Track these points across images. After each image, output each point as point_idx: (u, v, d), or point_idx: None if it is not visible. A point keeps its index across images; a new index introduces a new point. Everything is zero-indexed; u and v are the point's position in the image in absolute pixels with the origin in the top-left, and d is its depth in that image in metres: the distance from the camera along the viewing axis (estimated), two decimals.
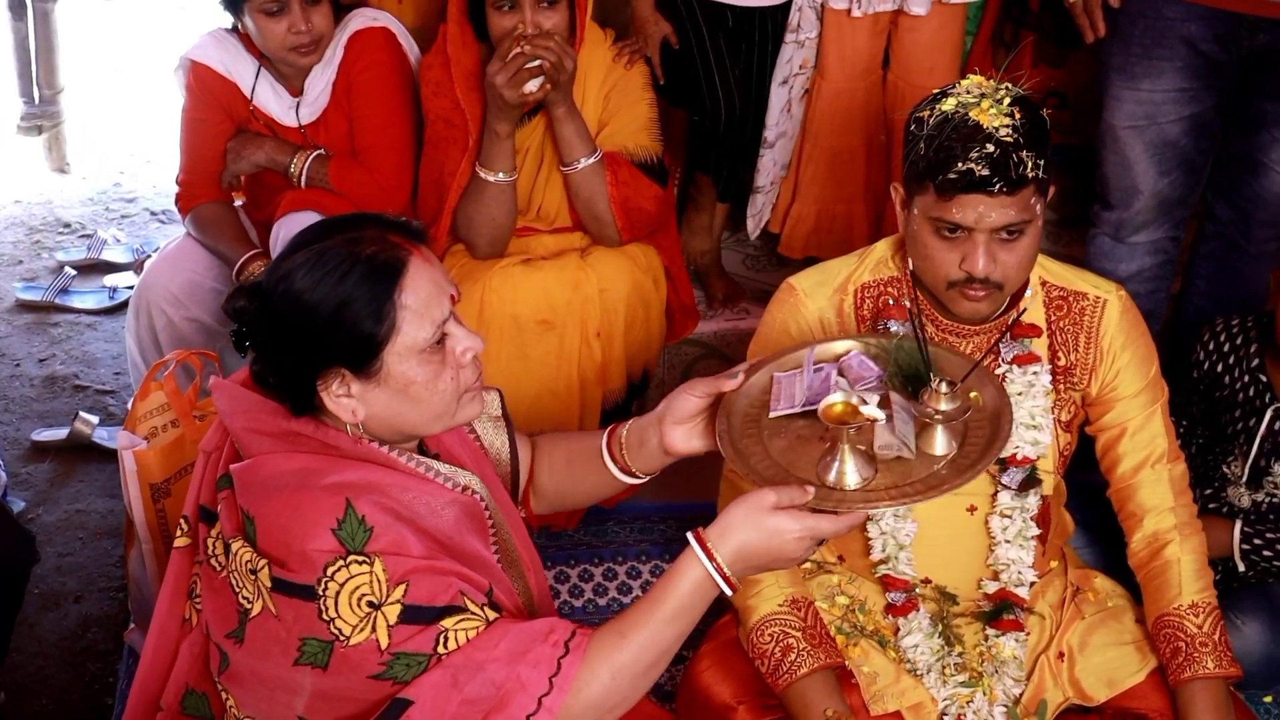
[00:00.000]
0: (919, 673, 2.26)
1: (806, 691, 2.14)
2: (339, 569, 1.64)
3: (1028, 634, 2.29)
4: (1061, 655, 2.30)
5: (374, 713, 1.67)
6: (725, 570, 1.70)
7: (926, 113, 2.09)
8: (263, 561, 1.67)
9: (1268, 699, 2.69)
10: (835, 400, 1.76)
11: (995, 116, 2.02)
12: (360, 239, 1.70)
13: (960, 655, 2.27)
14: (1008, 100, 2.05)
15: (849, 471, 1.76)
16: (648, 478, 2.04)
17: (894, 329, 2.21)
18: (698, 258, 3.65)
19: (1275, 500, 2.72)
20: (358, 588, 1.64)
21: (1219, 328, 2.77)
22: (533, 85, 2.78)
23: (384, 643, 1.65)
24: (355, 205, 3.02)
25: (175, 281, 3.12)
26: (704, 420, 1.95)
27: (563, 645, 1.68)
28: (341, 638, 1.65)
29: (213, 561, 1.79)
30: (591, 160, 2.91)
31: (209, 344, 3.12)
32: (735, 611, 2.32)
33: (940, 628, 2.29)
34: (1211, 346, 2.77)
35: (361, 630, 1.64)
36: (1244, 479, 2.74)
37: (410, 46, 3.18)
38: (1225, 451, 2.78)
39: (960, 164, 2.00)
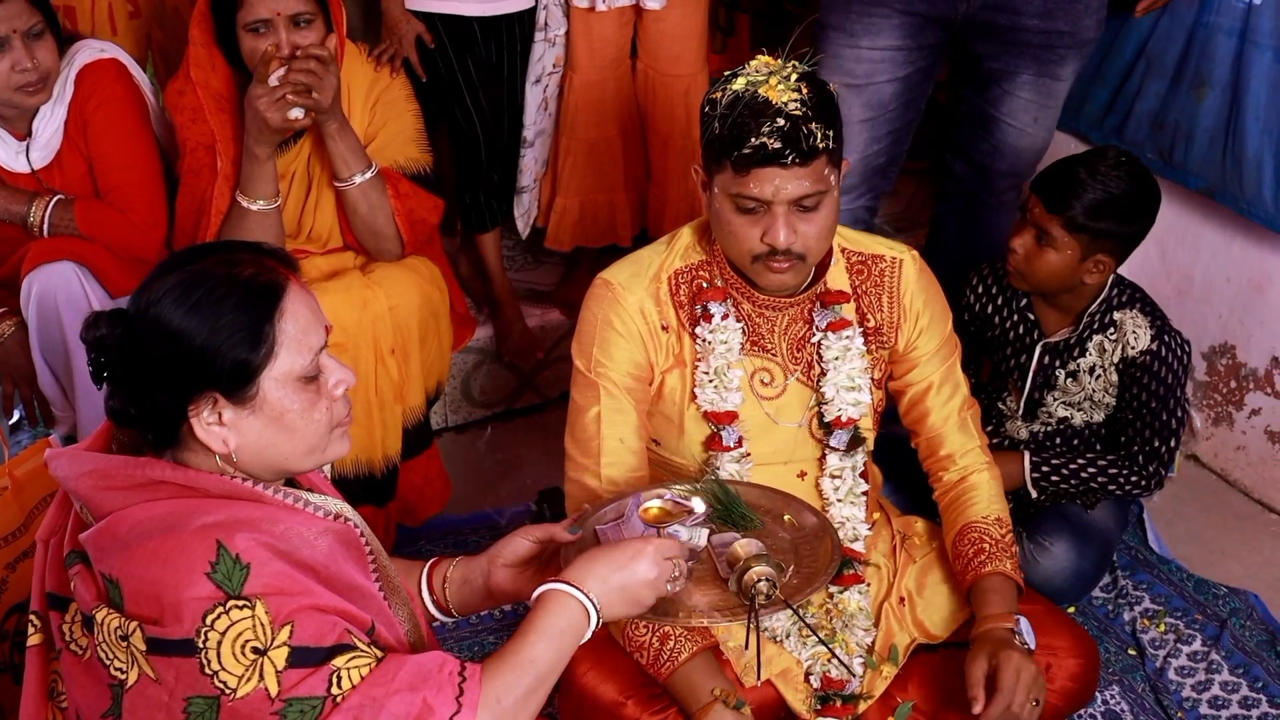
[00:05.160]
0: (779, 639, 2.33)
1: (691, 675, 2.17)
2: (218, 617, 1.55)
3: (868, 585, 2.39)
4: (902, 600, 2.41)
5: None
6: (589, 595, 1.73)
7: (719, 94, 2.14)
8: (133, 624, 1.56)
9: (1071, 610, 2.88)
10: (652, 503, 1.89)
11: (783, 92, 2.09)
12: (236, 261, 1.64)
13: (813, 616, 2.35)
14: (795, 76, 2.12)
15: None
16: (452, 620, 2.03)
17: (713, 310, 2.26)
18: (493, 266, 3.63)
19: (1050, 429, 2.91)
20: (240, 634, 1.55)
21: (985, 272, 2.93)
22: (298, 112, 2.69)
23: (274, 690, 1.55)
24: (110, 248, 2.86)
25: None
26: (533, 568, 1.98)
27: (459, 674, 1.64)
28: (228, 690, 1.55)
29: (73, 647, 1.67)
30: (368, 175, 2.83)
31: None
32: None
33: None
34: (980, 290, 2.93)
35: (249, 680, 1.55)
36: (1020, 412, 2.92)
37: (140, 76, 3.02)
38: (999, 388, 2.95)
39: (753, 139, 2.06)
